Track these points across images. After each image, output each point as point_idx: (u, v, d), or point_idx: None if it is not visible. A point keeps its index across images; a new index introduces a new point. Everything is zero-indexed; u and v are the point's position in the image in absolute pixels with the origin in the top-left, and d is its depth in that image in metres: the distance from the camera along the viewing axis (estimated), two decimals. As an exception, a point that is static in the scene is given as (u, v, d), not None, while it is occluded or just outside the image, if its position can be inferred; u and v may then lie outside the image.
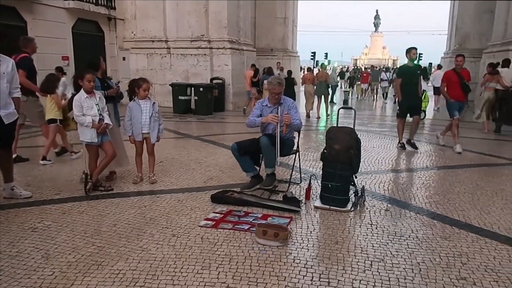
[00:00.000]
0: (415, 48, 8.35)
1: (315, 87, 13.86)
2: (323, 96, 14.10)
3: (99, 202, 4.75)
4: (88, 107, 4.97)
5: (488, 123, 11.16)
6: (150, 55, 15.93)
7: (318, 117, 13.62)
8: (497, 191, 5.55)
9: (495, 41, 14.40)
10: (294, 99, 15.19)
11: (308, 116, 13.72)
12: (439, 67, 20.69)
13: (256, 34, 23.80)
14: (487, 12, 19.23)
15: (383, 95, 21.93)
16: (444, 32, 28.10)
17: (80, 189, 5.11)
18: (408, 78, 8.21)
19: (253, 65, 14.94)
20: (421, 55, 36.45)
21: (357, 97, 23.34)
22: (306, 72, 15.38)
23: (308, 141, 9.20)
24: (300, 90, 20.74)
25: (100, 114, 5.04)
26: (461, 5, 22.15)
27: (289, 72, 15.07)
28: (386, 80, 21.54)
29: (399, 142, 8.52)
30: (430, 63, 28.79)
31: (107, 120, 5.11)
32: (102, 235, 3.85)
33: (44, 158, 6.57)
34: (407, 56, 8.38)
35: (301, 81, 15.47)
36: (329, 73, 16.31)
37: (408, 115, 8.49)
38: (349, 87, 23.33)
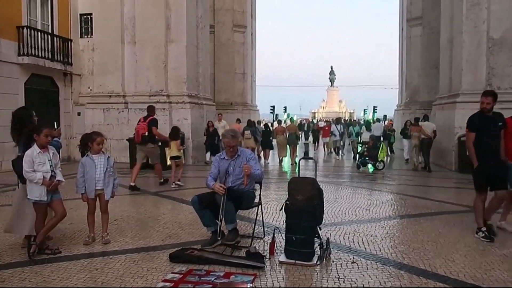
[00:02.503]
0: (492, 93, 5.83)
1: (286, 137, 16.31)
2: (293, 145, 16.38)
3: (45, 267, 4.40)
4: (40, 163, 4.71)
5: (417, 163, 14.11)
6: (107, 109, 15.71)
7: (292, 164, 15.62)
8: (460, 238, 5.59)
9: (442, 93, 15.25)
10: (272, 148, 15.97)
11: (280, 162, 16.17)
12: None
13: (216, 88, 24.17)
14: (433, 68, 20.52)
15: (334, 149, 19.26)
16: (395, 86, 29.69)
17: (23, 253, 4.71)
18: (488, 132, 5.69)
19: (238, 120, 17.80)
20: (375, 108, 38.10)
21: (327, 152, 20.71)
22: (277, 125, 17.73)
23: (269, 193, 9.10)
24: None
25: (52, 171, 4.78)
26: (409, 61, 23.61)
27: (266, 125, 17.89)
28: (337, 134, 18.89)
29: (479, 229, 5.67)
30: (385, 115, 30.08)
31: (59, 176, 4.84)
32: (46, 305, 3.51)
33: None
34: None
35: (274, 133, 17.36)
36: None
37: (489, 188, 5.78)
38: (314, 142, 23.80)
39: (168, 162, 10.64)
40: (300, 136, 20.71)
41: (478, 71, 13.23)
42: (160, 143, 10.47)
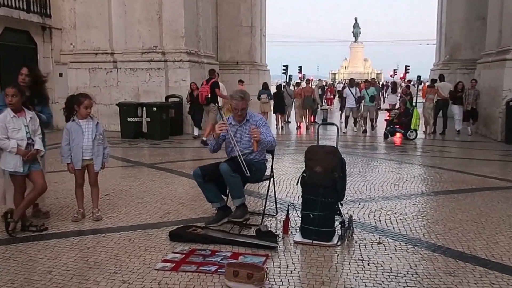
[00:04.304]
0: None
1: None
2: (309, 109, 17.80)
3: (30, 245, 4.55)
4: (15, 129, 4.80)
5: (430, 127, 15.55)
6: (93, 70, 15.72)
7: (308, 128, 17.48)
8: (504, 217, 5.65)
9: (489, 49, 14.98)
10: (284, 112, 17.30)
11: (298, 128, 17.38)
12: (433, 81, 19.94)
13: (219, 45, 24.00)
14: (478, 19, 20.12)
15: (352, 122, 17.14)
16: (432, 42, 29.20)
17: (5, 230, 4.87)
18: None
19: (240, 81, 17.80)
20: (408, 68, 37.71)
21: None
22: (296, 88, 19.39)
23: (283, 164, 9.21)
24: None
25: (29, 138, 4.87)
26: (449, 11, 23.13)
27: (279, 87, 18.69)
28: (352, 100, 16.17)
29: None
30: (419, 76, 29.70)
31: (38, 145, 4.94)
32: (34, 285, 3.68)
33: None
34: None
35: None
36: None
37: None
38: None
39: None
40: (318, 99, 20.36)
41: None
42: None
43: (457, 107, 15.43)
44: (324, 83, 36.69)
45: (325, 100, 22.56)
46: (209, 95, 12.46)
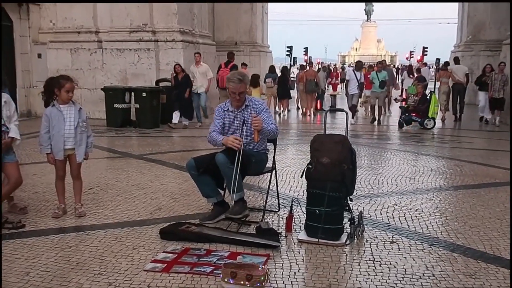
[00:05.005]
0: None
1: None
2: (311, 94, 17.79)
3: (6, 244, 4.54)
4: None
5: (444, 112, 16.02)
6: (76, 50, 15.67)
7: (308, 114, 17.60)
8: (530, 214, 5.66)
9: (517, 29, 14.99)
10: (290, 98, 17.34)
11: (304, 114, 17.85)
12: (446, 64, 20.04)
13: (216, 24, 23.98)
14: (505, -5, 20.06)
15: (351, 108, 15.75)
16: (454, 21, 29.04)
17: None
18: None
19: (244, 64, 17.65)
20: (426, 50, 37.58)
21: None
22: (300, 71, 19.20)
23: (286, 155, 9.22)
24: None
25: (3, 125, 4.87)
26: (473, -12, 23.06)
27: (284, 69, 19.13)
28: (355, 85, 15.68)
29: None
30: (438, 59, 29.59)
31: (13, 133, 4.94)
32: (11, 287, 3.68)
33: None
34: None
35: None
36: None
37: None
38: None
39: None
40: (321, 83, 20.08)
41: None
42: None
43: (483, 93, 15.29)
44: (328, 65, 36.41)
45: (329, 85, 22.17)
46: None
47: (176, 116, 13.50)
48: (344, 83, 20.46)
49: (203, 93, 13.74)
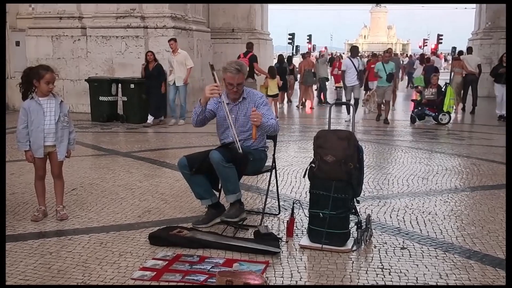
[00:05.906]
0: None
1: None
2: (308, 86, 18.50)
3: (-20, 250, 4.56)
4: None
5: (457, 105, 16.45)
6: (57, 38, 15.64)
7: (299, 106, 18.43)
8: (554, 217, 5.67)
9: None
10: (287, 90, 17.83)
11: (297, 107, 18.59)
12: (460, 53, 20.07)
13: (211, 9, 23.91)
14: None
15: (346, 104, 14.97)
16: (471, 6, 29.09)
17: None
18: None
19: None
20: (440, 38, 37.69)
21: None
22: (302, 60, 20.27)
23: (287, 154, 9.23)
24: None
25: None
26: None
27: (289, 58, 20.45)
28: (353, 75, 14.15)
29: None
30: (454, 48, 29.72)
31: None
32: (-15, 298, 3.68)
33: None
34: None
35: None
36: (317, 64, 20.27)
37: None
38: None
39: None
40: (321, 74, 20.01)
41: None
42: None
43: (499, 86, 14.90)
44: (331, 54, 36.18)
45: (332, 77, 22.07)
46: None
47: (150, 117, 13.13)
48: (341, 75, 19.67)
49: (181, 86, 13.13)
